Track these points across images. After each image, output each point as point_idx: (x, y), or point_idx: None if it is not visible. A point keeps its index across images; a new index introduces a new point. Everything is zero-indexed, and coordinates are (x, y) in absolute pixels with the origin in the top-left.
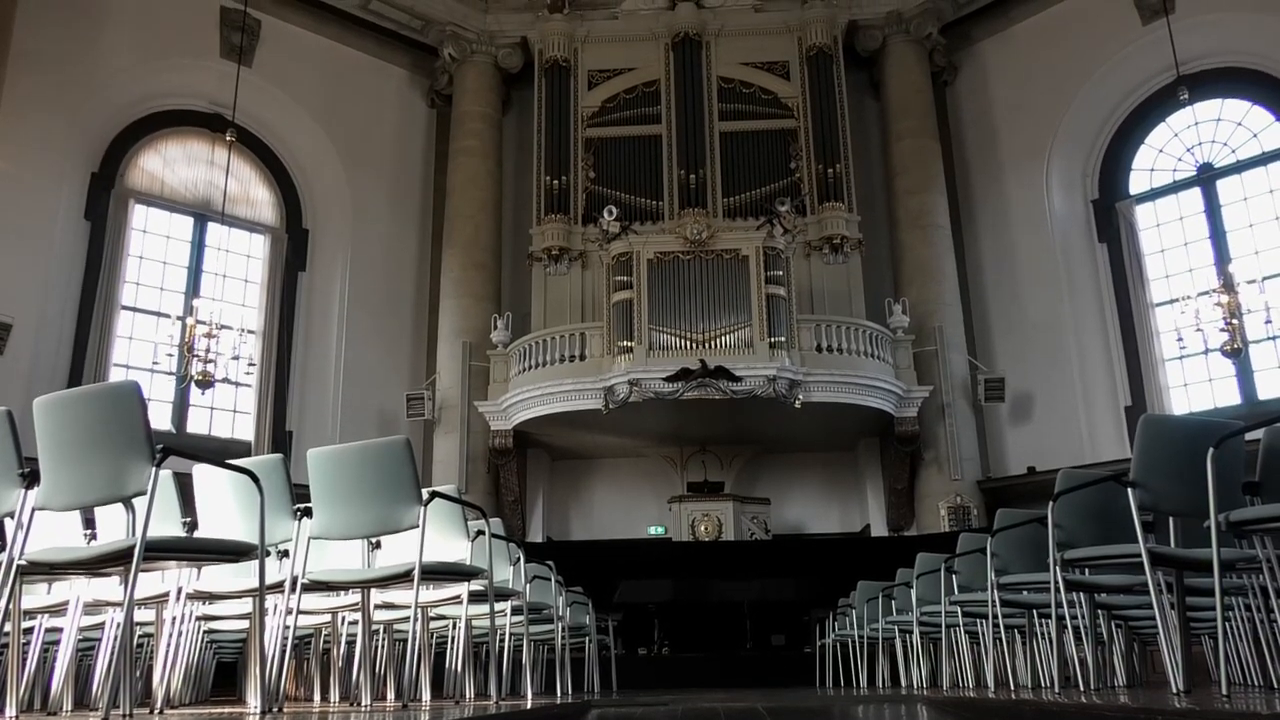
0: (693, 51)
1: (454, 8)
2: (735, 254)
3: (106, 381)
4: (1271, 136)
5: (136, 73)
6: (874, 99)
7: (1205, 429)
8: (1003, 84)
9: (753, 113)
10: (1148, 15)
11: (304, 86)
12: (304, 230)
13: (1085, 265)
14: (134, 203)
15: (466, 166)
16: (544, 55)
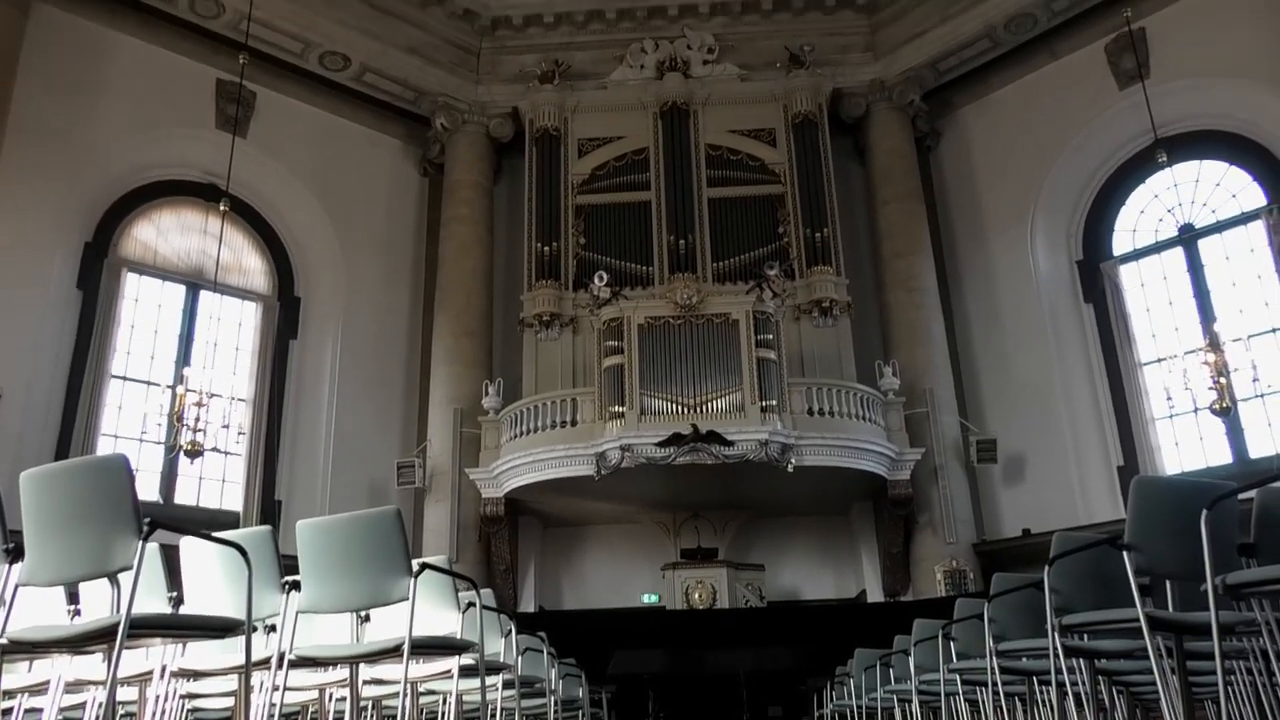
0: (681, 120)
1: (446, 79)
2: (725, 318)
3: (95, 454)
4: (1250, 197)
5: (132, 144)
6: (859, 164)
7: (1198, 490)
8: (985, 148)
9: (740, 179)
10: (1124, 81)
11: (298, 156)
12: (296, 298)
13: (1072, 325)
14: (127, 271)
15: (458, 234)
16: (535, 125)
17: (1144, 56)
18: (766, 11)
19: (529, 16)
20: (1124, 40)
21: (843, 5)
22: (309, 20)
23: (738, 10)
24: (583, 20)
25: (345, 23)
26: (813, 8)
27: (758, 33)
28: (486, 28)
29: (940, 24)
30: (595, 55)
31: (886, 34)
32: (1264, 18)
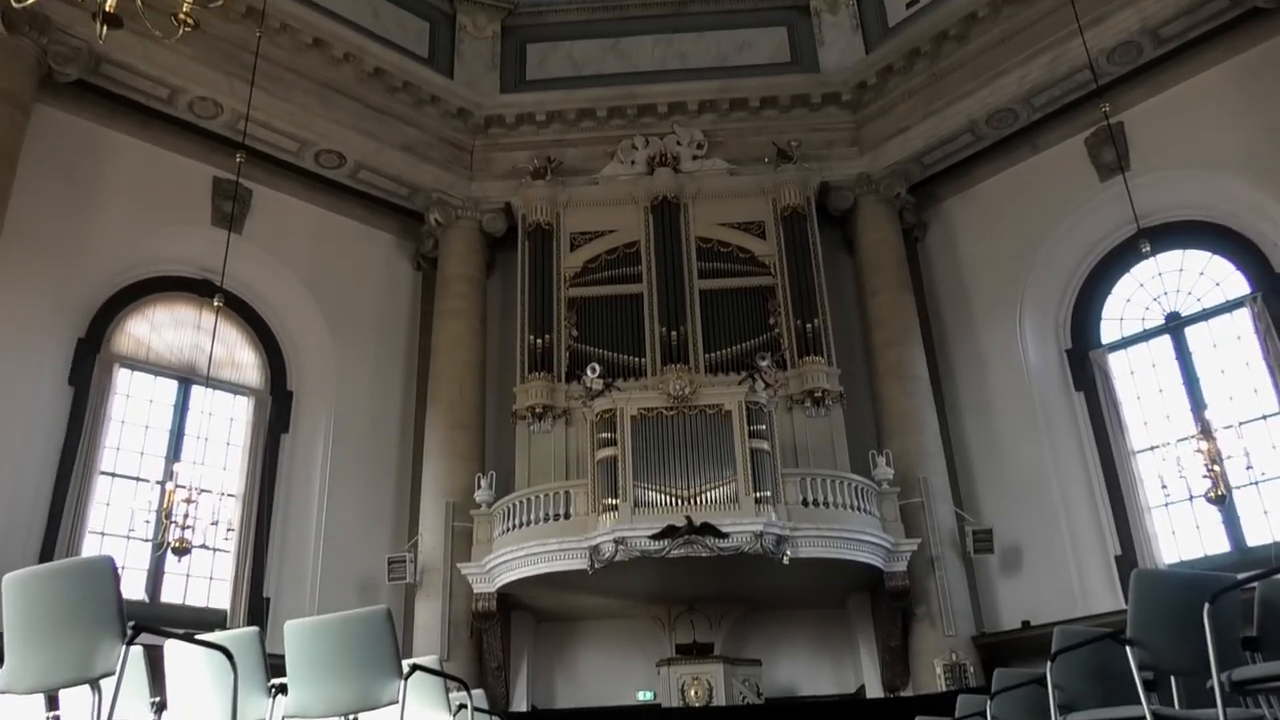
0: (671, 214)
1: (440, 176)
2: (718, 409)
3: (81, 554)
4: (1234, 285)
5: (128, 241)
6: (848, 255)
7: (1198, 583)
8: (971, 239)
9: (731, 271)
10: (1105, 173)
11: (293, 252)
12: (288, 392)
13: (1064, 414)
14: (119, 367)
15: (451, 327)
16: (527, 219)
17: (1123, 149)
18: (754, 109)
19: (521, 115)
20: (1103, 134)
21: (828, 102)
22: (305, 120)
23: (725, 107)
24: (574, 118)
25: (341, 122)
26: (799, 104)
27: (746, 129)
28: (480, 126)
29: (923, 120)
30: (587, 151)
31: (871, 129)
32: (1238, 112)
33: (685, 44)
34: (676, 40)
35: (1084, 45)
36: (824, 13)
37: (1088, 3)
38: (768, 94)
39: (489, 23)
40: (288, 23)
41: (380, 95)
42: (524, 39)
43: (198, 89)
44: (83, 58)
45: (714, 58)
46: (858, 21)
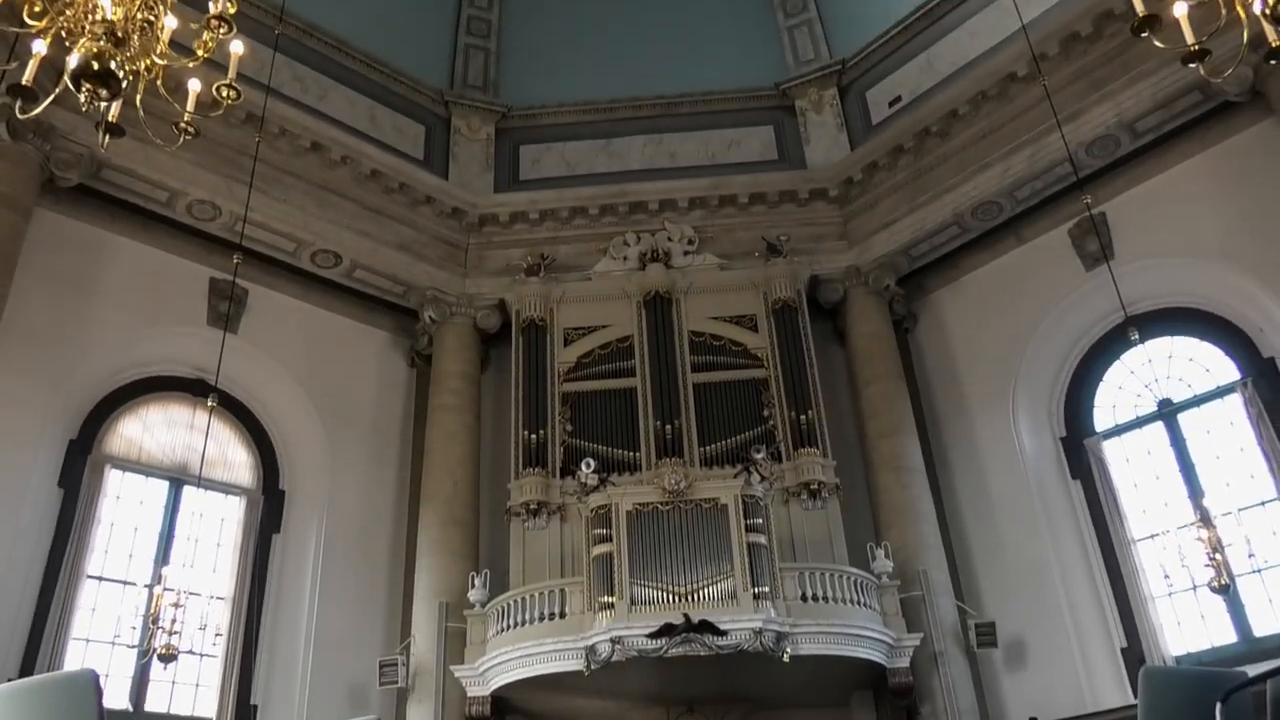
0: (664, 308)
1: (435, 274)
2: (714, 503)
3: (64, 664)
4: (1224, 371)
5: (123, 342)
6: (840, 346)
7: (1209, 680)
8: (961, 330)
9: (724, 364)
10: (1090, 262)
11: (288, 350)
12: (280, 491)
13: (1061, 503)
14: (110, 468)
15: (445, 423)
16: (521, 316)
17: (1107, 239)
18: (743, 205)
19: (515, 213)
20: (1086, 224)
21: (815, 197)
22: (302, 221)
23: (715, 204)
24: (567, 216)
25: (338, 222)
26: (787, 200)
27: (735, 224)
28: (474, 224)
29: (909, 213)
30: (579, 248)
31: (859, 223)
32: (1216, 201)
33: (675, 143)
34: (666, 140)
35: (1063, 140)
36: (809, 112)
37: (1064, 99)
38: (756, 190)
39: (483, 125)
40: (286, 128)
41: (377, 196)
42: (517, 141)
43: (197, 192)
44: (84, 163)
45: (703, 156)
46: (842, 120)
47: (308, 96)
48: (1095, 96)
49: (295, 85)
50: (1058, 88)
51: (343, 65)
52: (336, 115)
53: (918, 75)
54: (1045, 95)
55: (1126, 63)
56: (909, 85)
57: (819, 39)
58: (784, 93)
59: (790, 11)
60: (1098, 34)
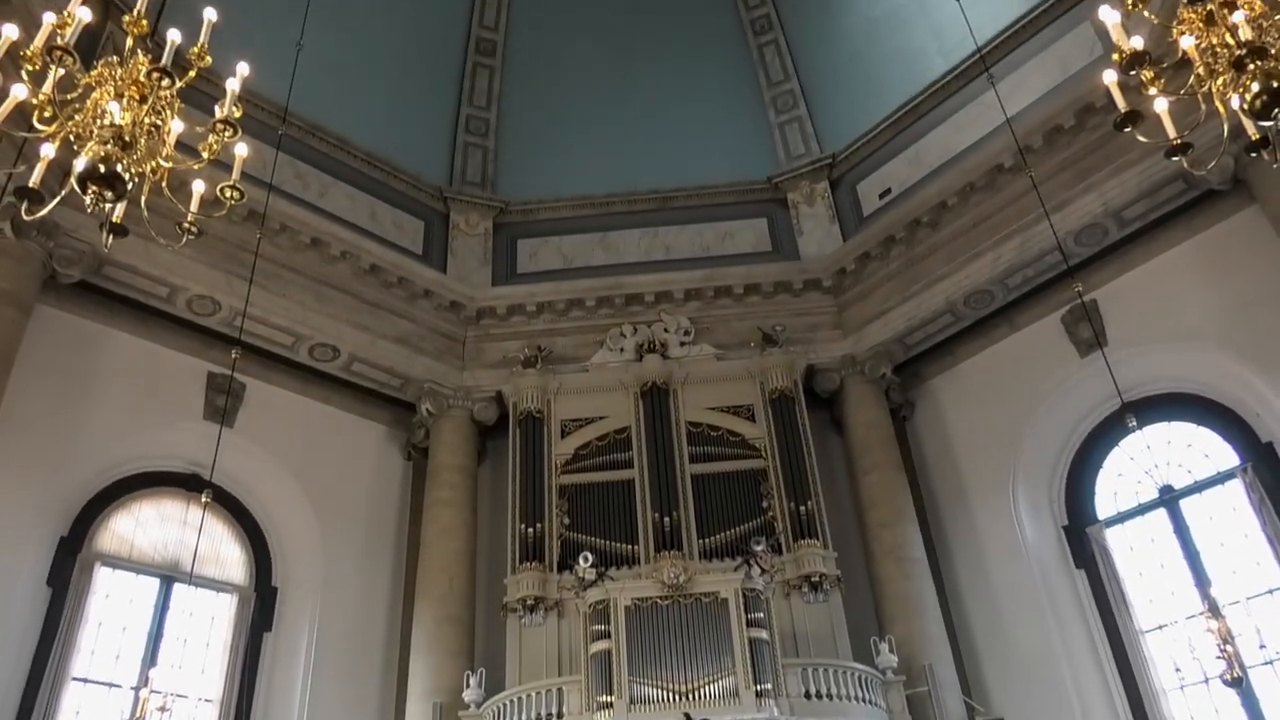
0: (661, 399)
1: (433, 366)
2: (714, 597)
3: None
4: (1223, 456)
5: (119, 438)
6: (838, 435)
7: None
8: (958, 418)
9: (722, 454)
10: (1084, 349)
11: (284, 444)
12: (273, 589)
13: (1066, 593)
14: (100, 566)
15: (441, 517)
16: (518, 408)
17: (1099, 326)
18: (738, 295)
19: (512, 306)
20: (1078, 311)
21: (809, 287)
22: (301, 315)
23: (710, 295)
24: (564, 308)
25: (336, 316)
26: (782, 290)
27: (731, 315)
28: (472, 317)
29: (903, 302)
30: (576, 340)
31: (853, 312)
32: (1206, 287)
33: (670, 236)
34: (662, 233)
35: (1051, 229)
36: (801, 205)
37: (1051, 189)
38: (751, 281)
39: (481, 220)
40: (287, 224)
41: (375, 290)
42: (515, 235)
43: (197, 287)
44: (86, 260)
45: (698, 249)
46: (834, 212)
47: (309, 193)
48: (1081, 186)
49: (297, 183)
50: (1044, 178)
51: (344, 163)
52: (337, 211)
53: (907, 168)
54: (1032, 186)
55: (1110, 154)
56: (898, 178)
57: (809, 135)
58: (776, 186)
59: (781, 109)
60: (1080, 126)
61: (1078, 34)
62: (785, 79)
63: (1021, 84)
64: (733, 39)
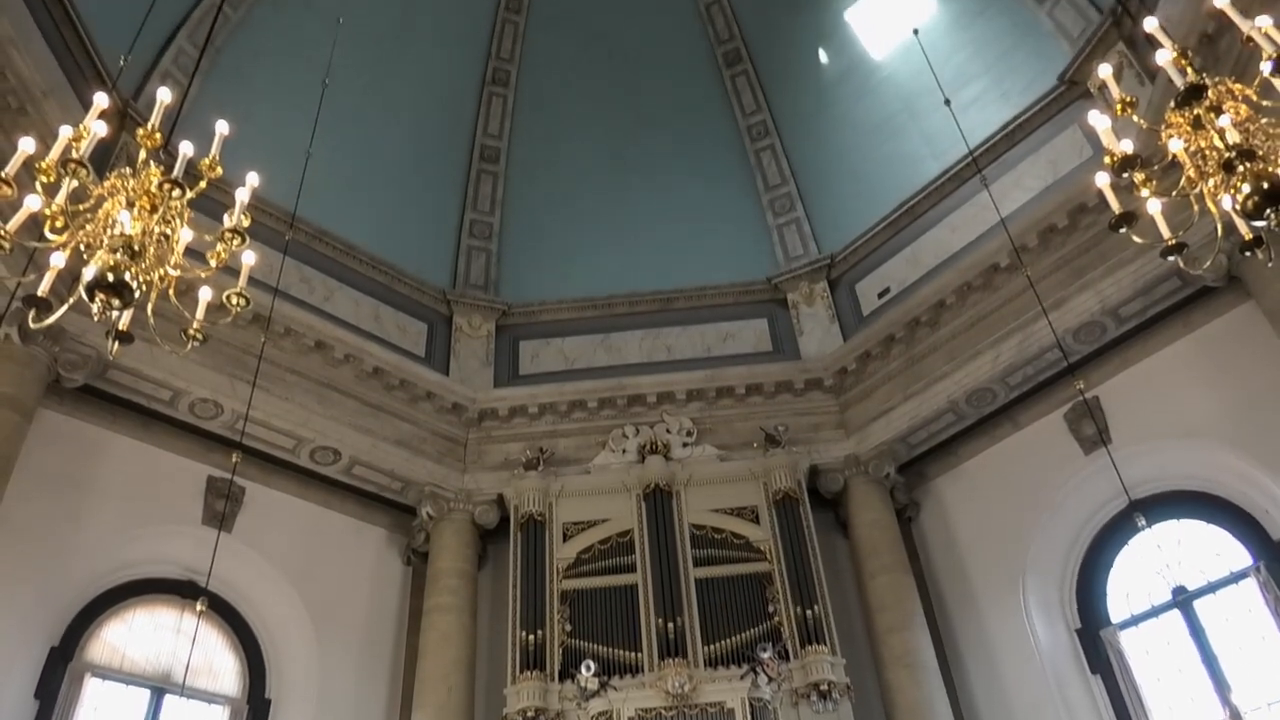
0: (664, 501)
1: (434, 469)
2: (720, 707)
3: None
4: (1235, 556)
5: (116, 543)
6: (843, 537)
7: None
8: (965, 517)
9: (726, 558)
10: (1088, 446)
11: (282, 549)
12: (266, 700)
13: (1083, 699)
14: (90, 677)
15: (440, 624)
16: (520, 511)
17: (1102, 423)
18: (740, 396)
19: (514, 408)
20: (1080, 409)
21: (811, 387)
22: (304, 418)
23: (712, 395)
24: (566, 410)
25: (338, 419)
26: (783, 390)
27: (733, 415)
28: (473, 419)
29: (904, 401)
30: (578, 441)
31: (855, 412)
32: (1208, 383)
33: (671, 337)
34: (663, 334)
35: (1050, 327)
36: (801, 304)
37: (1047, 287)
38: (753, 381)
39: (484, 323)
40: (292, 327)
41: (378, 393)
42: (517, 336)
43: (200, 391)
44: (91, 364)
45: (699, 349)
46: (834, 311)
47: (314, 297)
48: (1077, 284)
49: (303, 286)
50: (1040, 277)
51: (350, 267)
52: (341, 315)
53: (904, 268)
54: (1029, 285)
55: (1104, 252)
56: (896, 277)
57: (807, 236)
58: (776, 286)
59: (779, 211)
60: (1073, 226)
61: (1067, 136)
62: (782, 182)
63: (1015, 185)
64: (731, 144)
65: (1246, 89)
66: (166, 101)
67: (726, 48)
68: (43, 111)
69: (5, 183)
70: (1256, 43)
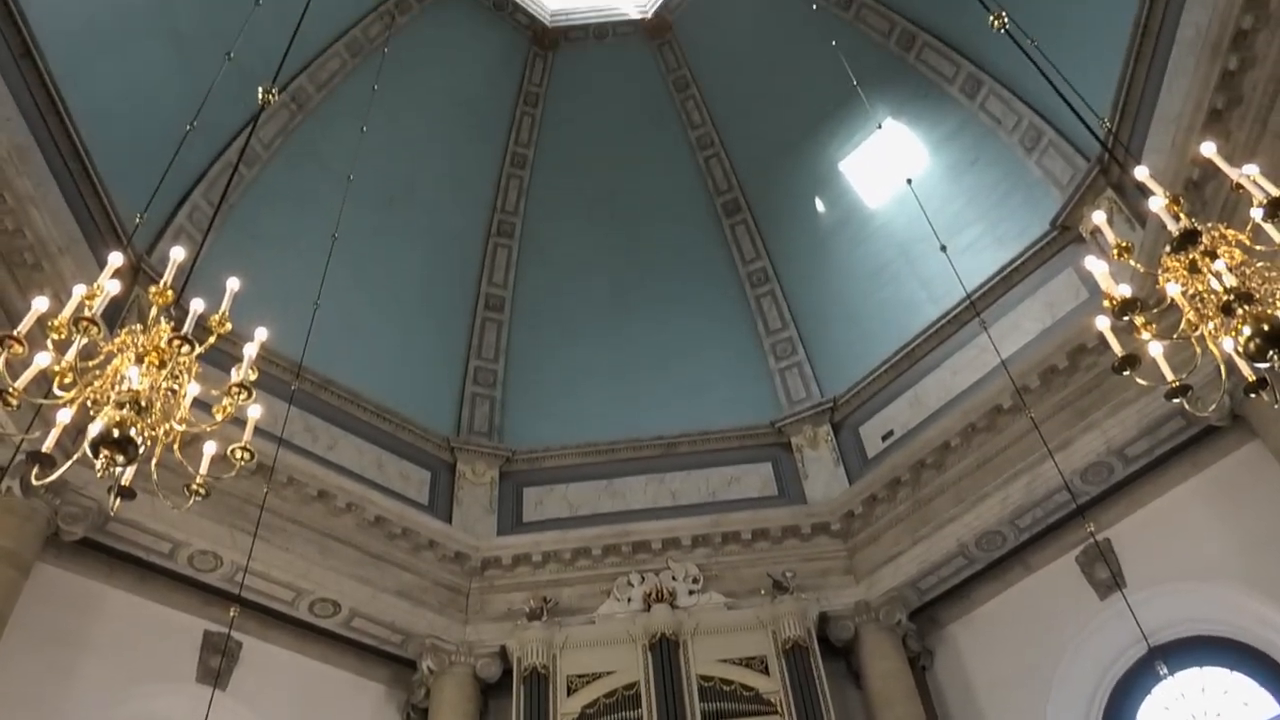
0: (671, 652)
1: (435, 620)
2: None
3: None
4: (1263, 704)
5: (107, 704)
6: (855, 688)
7: None
8: (980, 665)
9: (735, 710)
10: (1102, 590)
11: (277, 707)
12: None
13: None
14: None
15: None
16: (523, 664)
17: (1115, 567)
18: (746, 541)
19: (518, 556)
20: (1092, 552)
21: (818, 532)
22: (304, 569)
23: (718, 541)
24: (570, 557)
25: (339, 570)
26: (790, 535)
27: (740, 561)
28: (476, 568)
29: (913, 545)
30: (583, 590)
31: (864, 556)
32: (1220, 524)
33: (675, 482)
34: (668, 479)
35: (1057, 468)
36: (805, 448)
37: (1052, 428)
38: (759, 526)
39: (488, 470)
40: (295, 477)
41: (379, 542)
42: (521, 483)
43: (200, 543)
44: (91, 516)
45: (704, 494)
46: (838, 455)
47: (317, 446)
48: (1082, 425)
49: (306, 435)
50: (1044, 418)
51: (354, 415)
52: (345, 463)
53: (907, 410)
54: (1033, 426)
55: (1106, 392)
56: (900, 420)
57: (809, 379)
58: (779, 430)
59: (780, 355)
60: (1074, 367)
61: (1063, 279)
62: (783, 326)
63: (1013, 327)
64: (731, 289)
65: (1239, 234)
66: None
67: (725, 198)
68: (58, 267)
69: (16, 340)
70: (1243, 189)
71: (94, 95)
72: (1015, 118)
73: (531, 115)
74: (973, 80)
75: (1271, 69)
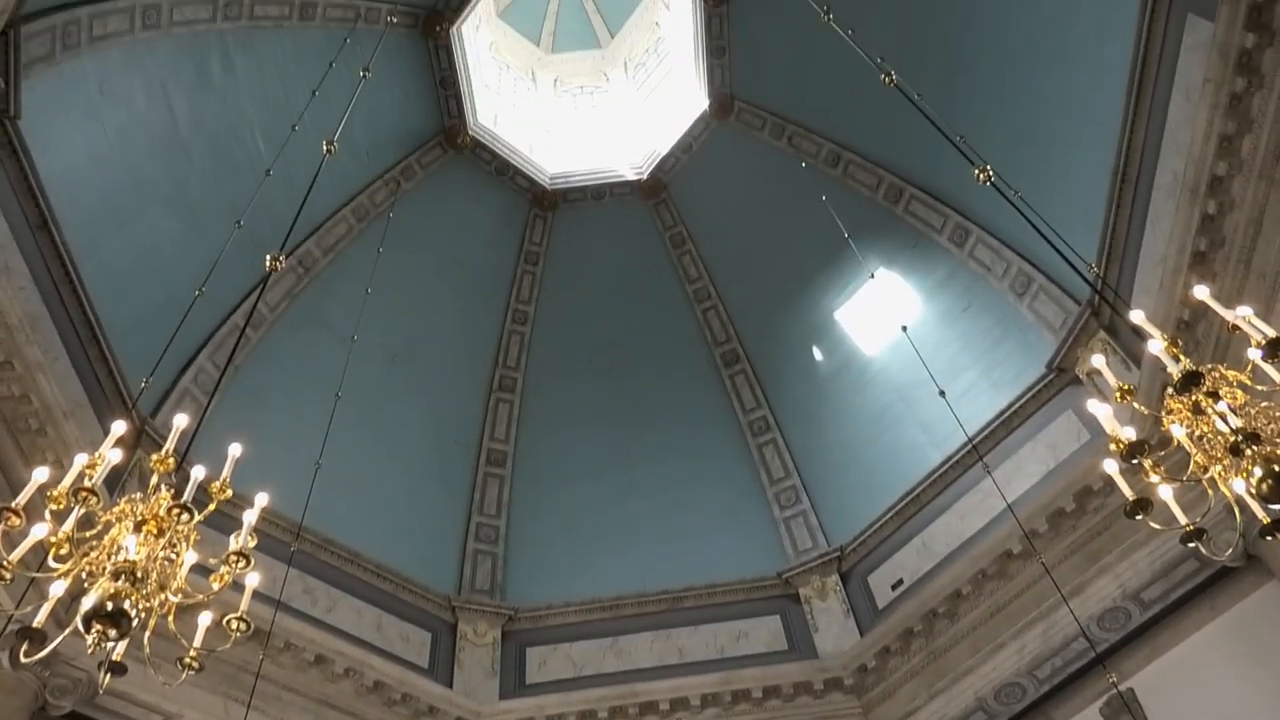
0: None
1: None
2: None
3: None
4: None
5: None
6: None
7: None
8: None
9: None
10: None
11: None
12: None
13: None
14: None
15: None
16: None
17: (1142, 718)
18: (757, 700)
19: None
20: (1117, 703)
21: (831, 687)
22: None
23: (729, 700)
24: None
25: None
26: (802, 692)
27: None
28: None
29: (930, 699)
30: None
31: (879, 713)
32: (1246, 669)
33: (682, 638)
34: (674, 635)
35: (1072, 615)
36: (814, 599)
37: (1064, 573)
38: (769, 684)
39: (490, 629)
40: (292, 641)
41: (378, 709)
42: (524, 643)
43: (192, 715)
44: (81, 689)
45: (712, 650)
46: (848, 605)
47: (316, 609)
48: (1094, 569)
49: (305, 598)
50: (1055, 562)
51: (354, 576)
52: (343, 626)
53: (916, 557)
54: (1045, 572)
55: (1116, 534)
56: (909, 567)
57: (815, 528)
58: (787, 581)
59: (784, 504)
60: (1081, 509)
61: (1063, 421)
62: (786, 475)
63: (1017, 470)
64: (733, 440)
65: (1239, 374)
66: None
67: (724, 349)
68: (62, 433)
69: (14, 513)
70: (1239, 329)
71: (107, 264)
72: (1004, 264)
73: (532, 273)
74: (960, 230)
75: (1249, 212)
